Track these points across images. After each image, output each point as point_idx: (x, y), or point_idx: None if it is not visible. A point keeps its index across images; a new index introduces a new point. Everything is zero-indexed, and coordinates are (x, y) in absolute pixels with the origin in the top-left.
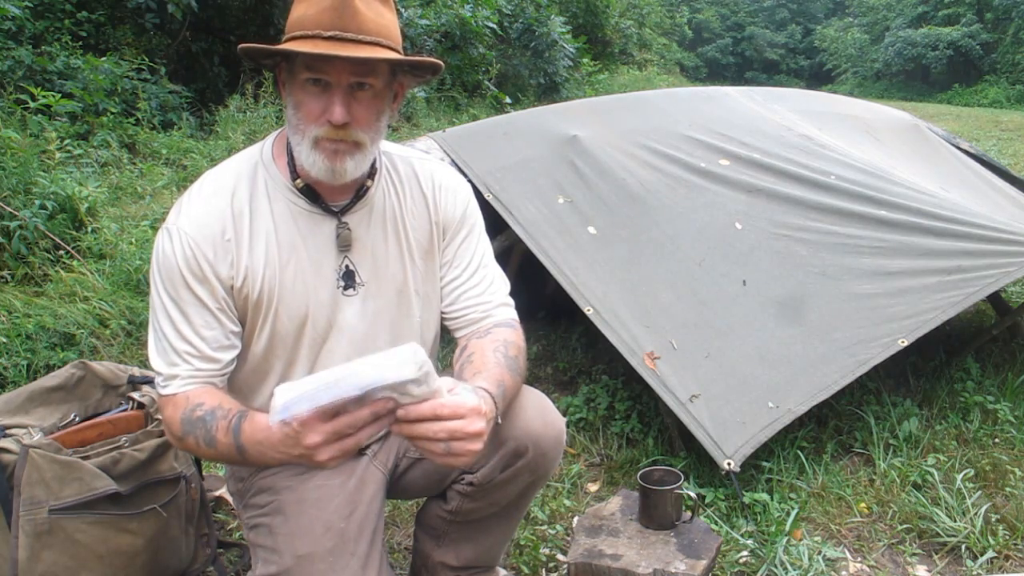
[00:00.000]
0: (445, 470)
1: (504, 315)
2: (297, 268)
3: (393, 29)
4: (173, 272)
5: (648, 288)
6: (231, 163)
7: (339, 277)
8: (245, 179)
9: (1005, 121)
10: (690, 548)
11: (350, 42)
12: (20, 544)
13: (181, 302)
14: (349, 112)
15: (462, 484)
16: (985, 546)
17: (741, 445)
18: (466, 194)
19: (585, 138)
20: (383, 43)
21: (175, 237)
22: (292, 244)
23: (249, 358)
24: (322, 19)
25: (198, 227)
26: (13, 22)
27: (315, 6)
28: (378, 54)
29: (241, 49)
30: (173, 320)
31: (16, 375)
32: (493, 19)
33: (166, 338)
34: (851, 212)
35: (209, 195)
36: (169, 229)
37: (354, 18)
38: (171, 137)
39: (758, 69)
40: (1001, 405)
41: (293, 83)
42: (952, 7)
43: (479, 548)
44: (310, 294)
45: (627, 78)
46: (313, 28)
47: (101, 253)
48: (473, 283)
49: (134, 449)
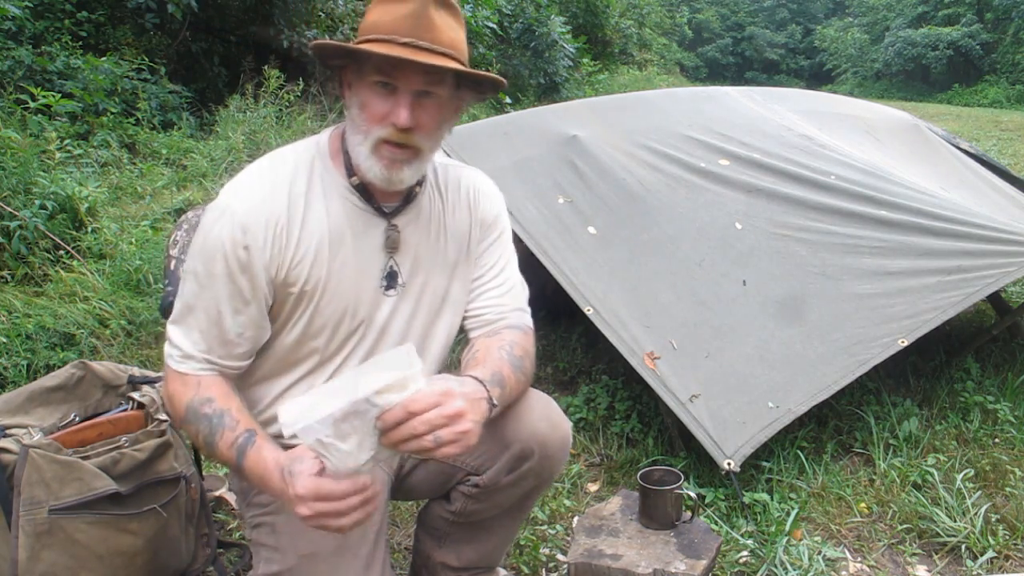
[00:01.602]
0: (449, 470)
1: (518, 319)
2: (344, 263)
3: (463, 45)
4: (218, 256)
5: (648, 288)
6: (288, 152)
7: (383, 277)
8: (303, 169)
9: (1005, 121)
10: (690, 548)
11: (424, 50)
12: (20, 544)
13: (219, 290)
14: (413, 117)
15: (467, 486)
16: (985, 546)
17: (741, 445)
18: (501, 200)
19: (585, 138)
20: (453, 55)
21: (226, 218)
22: (342, 239)
23: (276, 348)
24: (399, 26)
25: (252, 210)
26: (13, 22)
27: (392, 13)
28: (449, 64)
29: (314, 46)
30: (207, 306)
31: (16, 375)
32: (493, 19)
33: (195, 318)
34: (851, 212)
35: (267, 180)
36: (222, 208)
37: (430, 28)
38: (171, 137)
39: (758, 69)
40: (1001, 405)
41: (361, 84)
42: (952, 7)
43: (481, 549)
44: (353, 290)
45: (627, 78)
46: (389, 33)
47: (101, 253)
48: (494, 285)
49: (134, 449)
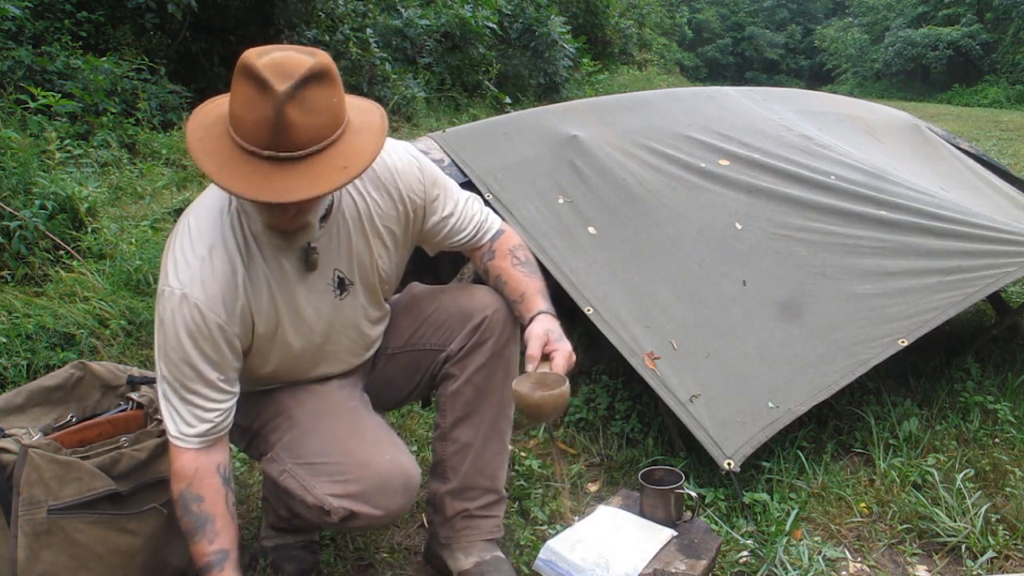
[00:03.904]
0: (420, 356)
1: (493, 226)
2: (294, 293)
3: (336, 113)
4: (184, 346)
5: (648, 288)
6: (202, 217)
7: (335, 287)
8: (228, 228)
9: (1005, 121)
10: (690, 548)
11: (286, 161)
12: (19, 544)
13: (189, 380)
14: (297, 219)
15: (444, 367)
16: (985, 546)
17: (741, 445)
18: (416, 162)
19: (585, 138)
20: (324, 144)
21: (187, 305)
22: (283, 275)
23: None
24: (259, 135)
25: (207, 290)
26: (13, 22)
27: (252, 113)
28: (317, 178)
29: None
30: (182, 396)
31: (16, 375)
32: (493, 19)
33: (174, 408)
34: (851, 212)
35: (204, 255)
36: (176, 293)
37: (289, 136)
38: (171, 137)
39: (758, 69)
40: (1001, 405)
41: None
42: (952, 7)
43: (475, 461)
44: (313, 312)
45: (627, 78)
46: (250, 141)
47: (101, 253)
48: (460, 218)
49: (134, 449)
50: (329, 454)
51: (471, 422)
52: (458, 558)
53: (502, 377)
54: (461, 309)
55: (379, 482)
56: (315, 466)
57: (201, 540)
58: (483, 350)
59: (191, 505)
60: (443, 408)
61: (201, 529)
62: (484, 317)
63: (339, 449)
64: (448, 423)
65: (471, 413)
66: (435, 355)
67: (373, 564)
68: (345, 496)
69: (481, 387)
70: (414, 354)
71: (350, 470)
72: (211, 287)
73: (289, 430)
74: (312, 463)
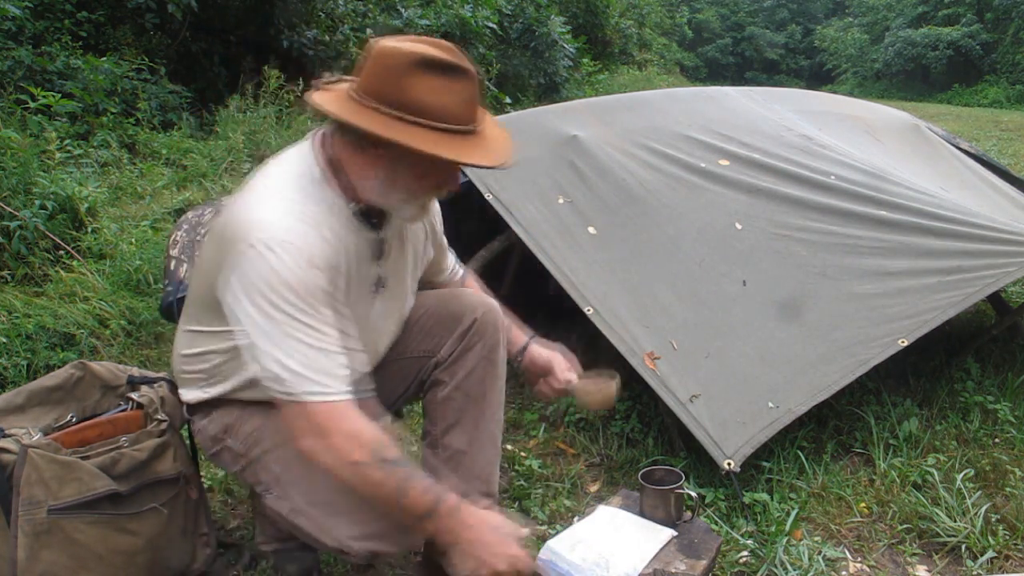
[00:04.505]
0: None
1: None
2: (361, 279)
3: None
4: (309, 288)
5: (648, 288)
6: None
7: (375, 284)
8: (312, 200)
9: (1005, 121)
10: (690, 548)
11: (472, 134)
12: (19, 544)
13: (318, 323)
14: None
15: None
16: (985, 546)
17: (741, 445)
18: None
19: (585, 138)
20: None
21: (291, 251)
22: (355, 259)
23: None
24: (463, 113)
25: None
26: (13, 22)
27: (451, 94)
28: (502, 148)
29: (407, 146)
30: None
31: (16, 375)
32: (493, 19)
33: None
34: (851, 212)
35: (295, 212)
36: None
37: (477, 108)
38: (171, 137)
39: (758, 69)
40: (1001, 405)
41: (419, 157)
42: (952, 7)
43: (469, 467)
44: (361, 301)
45: (627, 78)
46: (454, 122)
47: (101, 253)
48: (449, 251)
49: (134, 449)
50: (344, 493)
51: (462, 428)
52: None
53: (491, 380)
54: (450, 313)
55: (398, 523)
56: (330, 505)
57: (417, 483)
58: (472, 354)
59: (385, 451)
60: (433, 415)
61: (412, 474)
62: (474, 319)
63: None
64: (439, 430)
65: (462, 419)
66: (424, 361)
67: (373, 565)
68: (364, 538)
69: (471, 392)
70: (403, 362)
71: (367, 509)
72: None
73: (295, 464)
74: (326, 502)
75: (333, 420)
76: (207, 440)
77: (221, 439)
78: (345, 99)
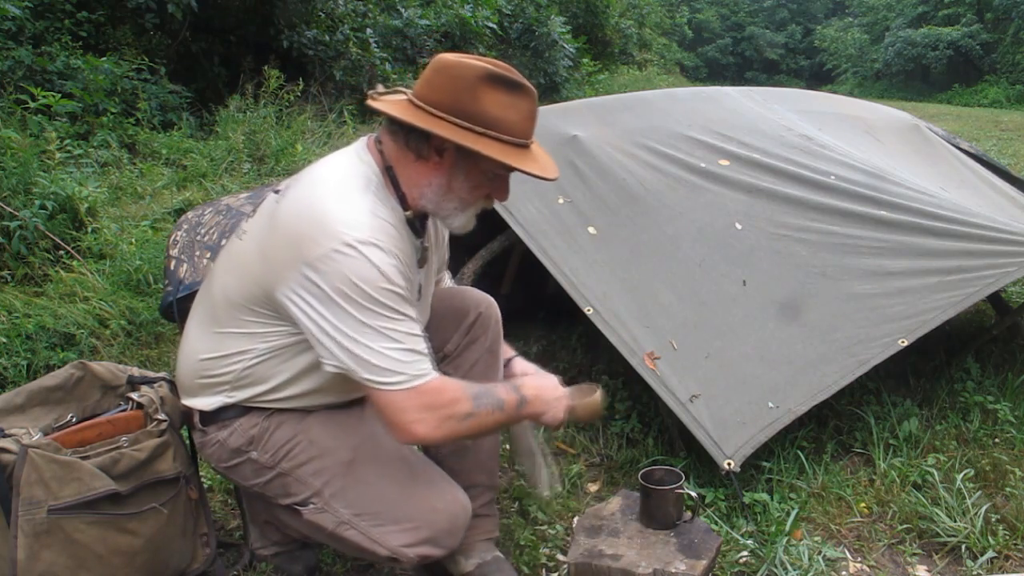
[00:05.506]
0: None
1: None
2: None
3: None
4: (400, 285)
5: (648, 288)
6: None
7: (417, 291)
8: (380, 205)
9: (1005, 121)
10: (690, 548)
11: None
12: (19, 544)
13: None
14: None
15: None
16: (985, 546)
17: (741, 445)
18: None
19: (585, 138)
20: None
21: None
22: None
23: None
24: (526, 127)
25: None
26: (13, 22)
27: (519, 111)
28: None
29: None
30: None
31: (16, 375)
32: (493, 19)
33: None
34: (851, 212)
35: (381, 218)
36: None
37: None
38: (171, 137)
39: (758, 69)
40: (1001, 405)
41: (476, 166)
42: (952, 7)
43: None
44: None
45: (627, 78)
46: (519, 135)
47: (101, 253)
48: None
49: (134, 449)
50: (391, 502)
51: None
52: (459, 561)
53: (493, 373)
54: (454, 308)
55: (447, 525)
56: (379, 515)
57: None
58: (476, 347)
59: (473, 391)
60: None
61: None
62: (478, 313)
63: (400, 496)
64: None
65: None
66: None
67: (373, 564)
68: (417, 544)
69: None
70: None
71: (417, 516)
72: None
73: (337, 476)
74: (375, 512)
75: (439, 393)
76: (225, 452)
77: (244, 451)
78: (411, 108)
